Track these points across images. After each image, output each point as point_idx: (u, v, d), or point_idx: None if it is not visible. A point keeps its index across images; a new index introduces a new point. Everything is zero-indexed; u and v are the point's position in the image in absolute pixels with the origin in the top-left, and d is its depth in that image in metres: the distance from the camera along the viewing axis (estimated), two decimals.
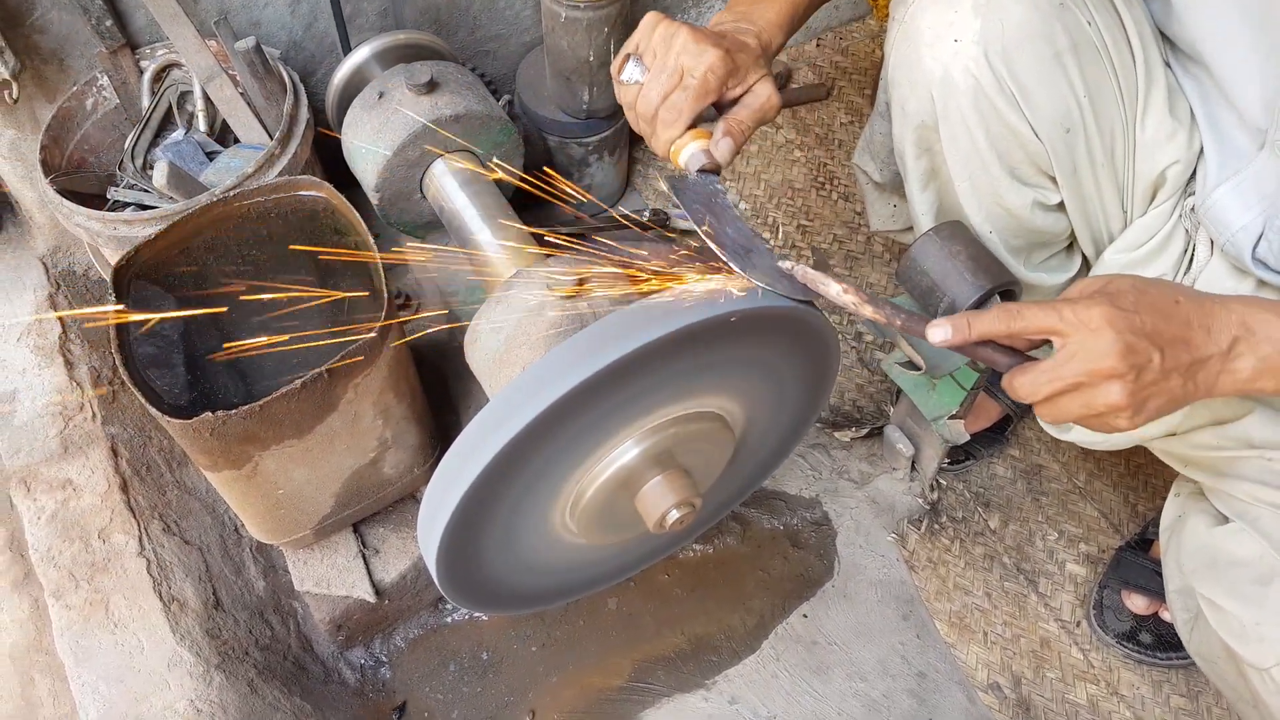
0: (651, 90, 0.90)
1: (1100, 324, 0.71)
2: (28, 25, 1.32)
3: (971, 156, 1.03)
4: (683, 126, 0.90)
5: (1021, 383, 0.75)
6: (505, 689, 1.36)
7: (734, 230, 0.86)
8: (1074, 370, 0.72)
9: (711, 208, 0.88)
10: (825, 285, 0.82)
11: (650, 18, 0.93)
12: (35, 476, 1.34)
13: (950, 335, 0.76)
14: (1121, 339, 0.70)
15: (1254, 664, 0.92)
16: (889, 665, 1.36)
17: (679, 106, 0.89)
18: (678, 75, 0.89)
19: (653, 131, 0.93)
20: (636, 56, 0.93)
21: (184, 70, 1.39)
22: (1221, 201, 0.99)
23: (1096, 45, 0.96)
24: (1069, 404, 0.74)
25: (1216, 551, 0.97)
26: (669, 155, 0.93)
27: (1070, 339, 0.72)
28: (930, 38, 0.97)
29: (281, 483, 1.12)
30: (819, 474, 1.52)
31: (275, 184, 1.16)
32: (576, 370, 0.80)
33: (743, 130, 0.93)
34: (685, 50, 0.88)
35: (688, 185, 0.90)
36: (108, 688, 1.17)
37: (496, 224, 1.23)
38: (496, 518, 0.93)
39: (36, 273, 1.55)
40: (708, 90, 0.89)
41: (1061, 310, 0.73)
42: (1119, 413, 0.73)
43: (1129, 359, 0.70)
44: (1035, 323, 0.74)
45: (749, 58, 0.92)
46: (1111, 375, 0.71)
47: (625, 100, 0.94)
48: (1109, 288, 0.74)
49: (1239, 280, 1.03)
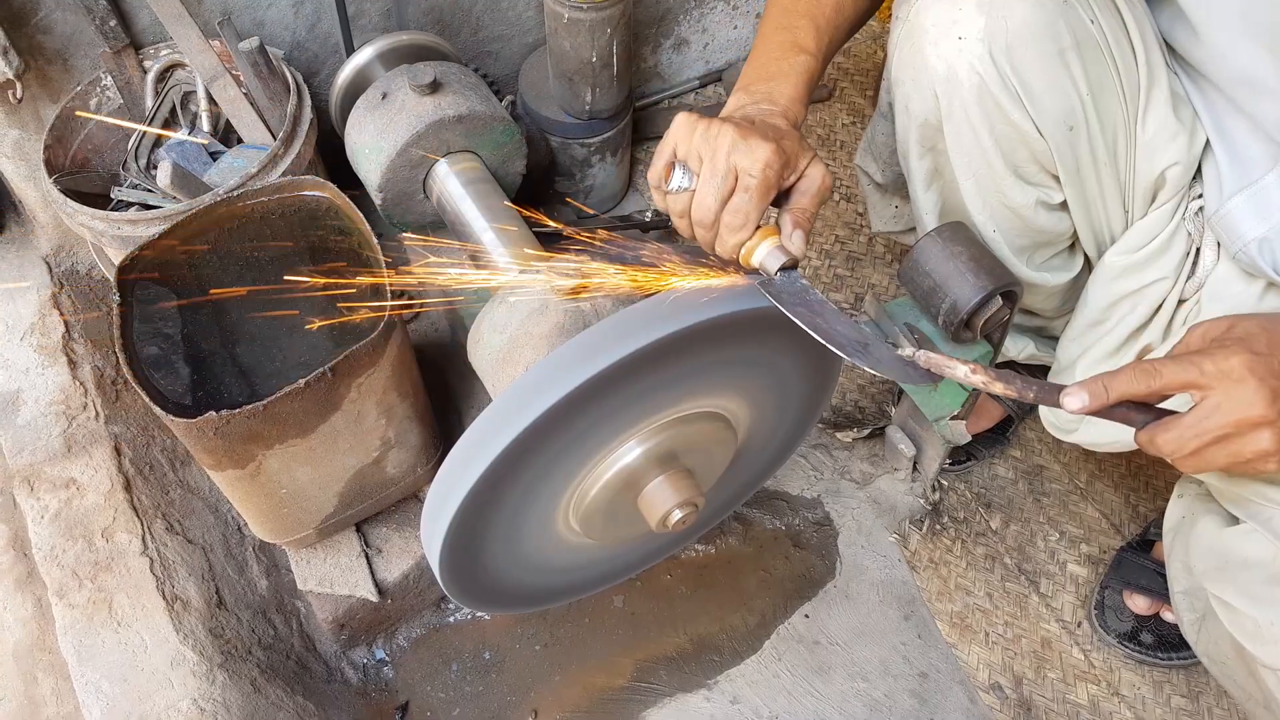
0: (708, 196, 0.85)
1: (1242, 373, 0.71)
2: (32, 25, 1.32)
3: (976, 155, 1.03)
4: (751, 229, 0.86)
5: (1166, 440, 0.75)
6: (508, 688, 1.36)
7: (843, 327, 0.84)
8: (1220, 422, 0.72)
9: (810, 306, 0.85)
10: (952, 369, 0.82)
11: (684, 119, 0.87)
12: (39, 475, 1.35)
13: (1088, 402, 0.75)
14: (1265, 385, 0.71)
15: (1268, 664, 0.91)
16: (890, 665, 1.36)
17: (744, 210, 0.84)
18: (733, 177, 0.84)
19: (716, 238, 0.87)
20: (681, 163, 0.87)
21: (188, 70, 1.40)
22: (1236, 212, 0.99)
23: (1099, 43, 0.96)
24: (1214, 455, 0.74)
25: (1228, 552, 0.96)
26: (739, 259, 0.88)
27: (1212, 391, 0.72)
28: (934, 35, 0.97)
29: (285, 482, 1.13)
30: (821, 474, 1.52)
31: (279, 184, 1.16)
32: (579, 370, 0.80)
33: (809, 218, 0.89)
34: (736, 149, 0.83)
35: (779, 288, 0.86)
36: (111, 686, 1.17)
37: (499, 224, 1.23)
38: (499, 518, 0.93)
39: (40, 272, 1.56)
40: (770, 188, 0.84)
41: (1201, 364, 0.73)
42: (1268, 458, 0.73)
43: (1277, 405, 0.71)
44: (1175, 379, 0.74)
45: (794, 143, 0.88)
46: (1261, 423, 0.72)
47: (675, 209, 0.89)
48: (1236, 332, 0.75)
49: (1248, 283, 1.04)
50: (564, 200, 1.73)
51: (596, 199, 1.75)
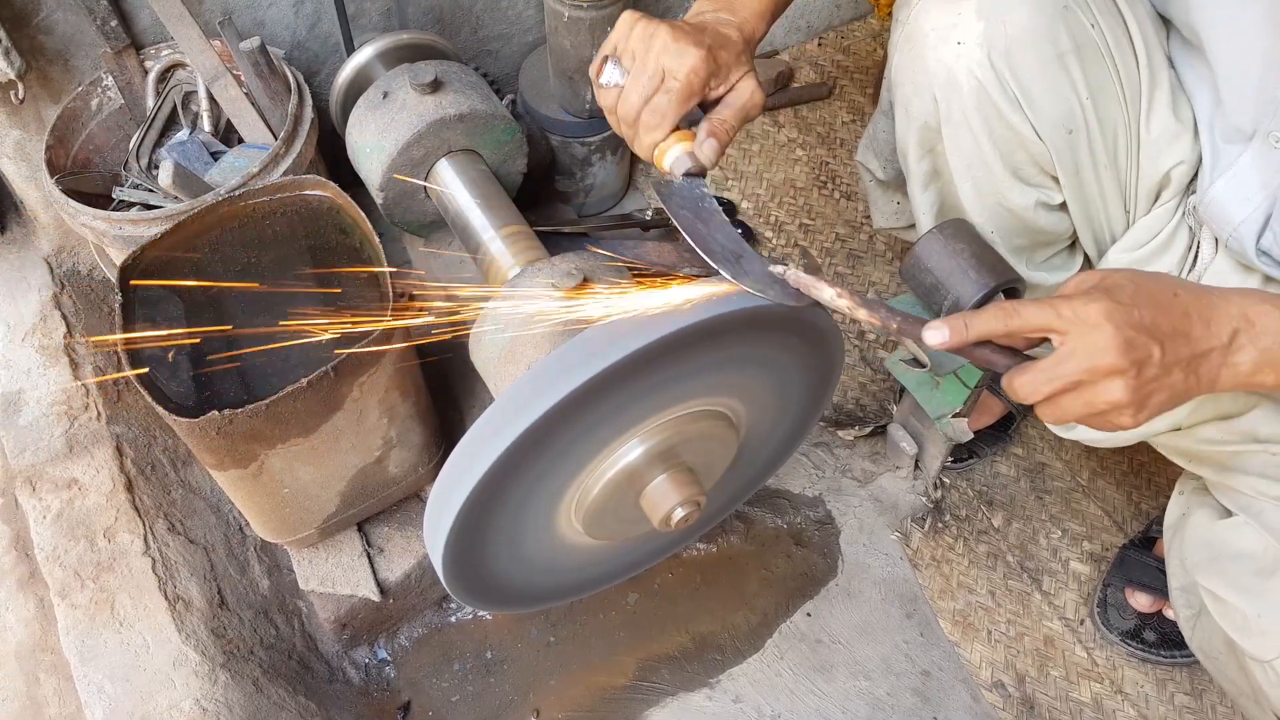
0: (632, 94, 0.87)
1: (1099, 319, 0.69)
2: (33, 26, 1.32)
3: (974, 157, 1.03)
4: (666, 130, 0.88)
5: (1021, 383, 0.73)
6: (510, 688, 1.36)
7: (723, 235, 0.84)
8: (1074, 368, 0.70)
9: (699, 213, 0.86)
10: (819, 289, 0.80)
11: (627, 16, 0.89)
12: (41, 476, 1.35)
13: (948, 337, 0.74)
14: (1121, 334, 0.69)
15: (1256, 656, 0.92)
16: (893, 664, 1.36)
17: (662, 110, 0.87)
18: (659, 77, 0.86)
19: (635, 135, 0.90)
20: (615, 59, 0.89)
21: (189, 70, 1.40)
22: (1220, 197, 0.99)
23: (1099, 47, 0.96)
24: (1070, 403, 0.72)
25: (1220, 545, 0.97)
26: (653, 159, 0.91)
27: (1069, 336, 0.70)
28: (934, 39, 0.97)
29: (287, 482, 1.13)
30: (822, 472, 1.52)
31: (280, 183, 1.16)
32: (581, 370, 0.80)
33: (727, 130, 0.90)
34: (666, 51, 0.85)
35: (674, 190, 0.88)
36: (113, 686, 1.17)
37: (500, 223, 1.23)
38: (502, 517, 0.93)
39: (41, 272, 1.56)
40: (691, 92, 0.86)
41: (1059, 307, 0.71)
42: (1121, 410, 0.71)
43: (1130, 354, 0.69)
44: (1032, 320, 0.72)
45: (731, 54, 0.89)
46: (1112, 371, 0.69)
47: (605, 104, 0.91)
48: (1105, 282, 0.72)
49: (1244, 276, 1.03)
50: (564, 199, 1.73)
51: (597, 198, 1.75)
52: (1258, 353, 0.72)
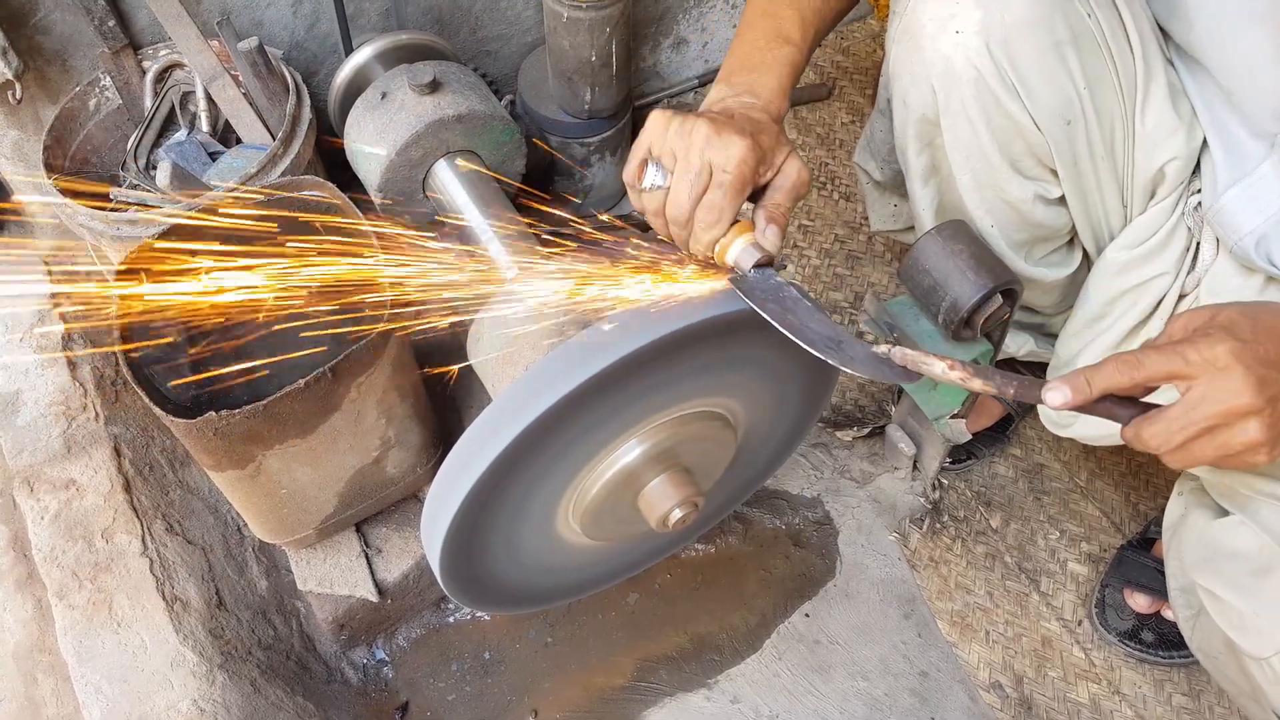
0: (681, 194, 0.84)
1: (1228, 361, 0.69)
2: (31, 26, 1.32)
3: (973, 149, 1.03)
4: (726, 226, 0.85)
5: (1152, 434, 0.72)
6: (508, 688, 1.36)
7: (815, 324, 0.83)
8: (1207, 413, 0.69)
9: (783, 303, 0.84)
10: (929, 365, 0.79)
11: (658, 116, 0.86)
12: (38, 476, 1.35)
13: (1070, 397, 0.72)
14: (1252, 373, 0.68)
15: (1253, 654, 0.92)
16: (891, 664, 1.36)
17: (718, 206, 0.83)
18: (707, 174, 0.83)
19: (689, 235, 0.86)
20: (654, 160, 0.86)
21: (186, 70, 1.40)
22: (1231, 205, 0.99)
23: (1096, 37, 0.96)
24: (1202, 447, 0.71)
25: (1217, 544, 0.97)
26: (713, 257, 0.87)
27: (1198, 381, 0.70)
28: (932, 29, 0.97)
29: (285, 482, 1.13)
30: (821, 473, 1.52)
31: (278, 184, 1.16)
32: (578, 371, 0.80)
33: (784, 214, 0.88)
34: (710, 145, 0.82)
35: (752, 284, 0.85)
36: (111, 687, 1.17)
37: (499, 223, 1.23)
38: (499, 517, 0.93)
39: (39, 272, 1.55)
40: (744, 184, 0.83)
41: (1185, 353, 0.70)
42: (1258, 449, 0.70)
43: (1264, 393, 0.68)
44: (1159, 369, 0.71)
45: (770, 137, 0.86)
46: (1249, 413, 0.69)
47: (650, 208, 0.88)
48: (1219, 319, 0.72)
49: (1246, 278, 1.04)
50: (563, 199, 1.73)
51: (596, 198, 1.75)
52: None
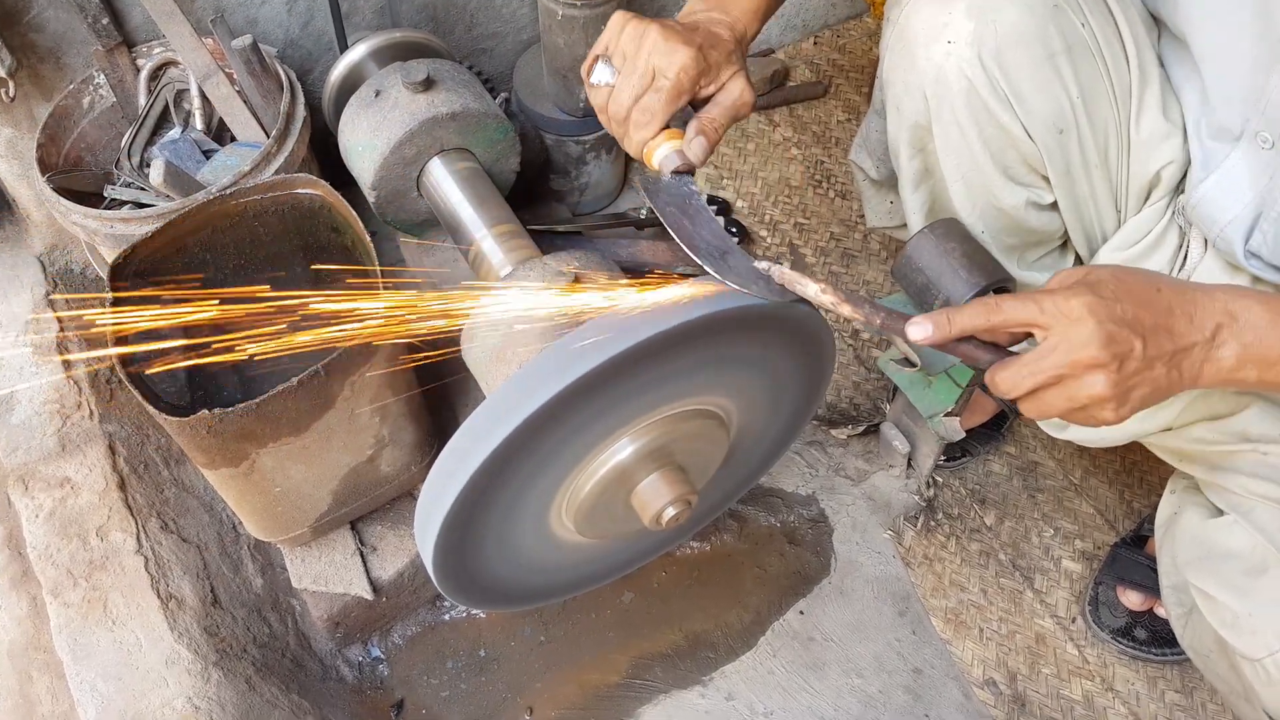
0: (623, 92, 0.88)
1: (1081, 313, 0.69)
2: (24, 23, 1.32)
3: (965, 156, 1.03)
4: (656, 128, 0.88)
5: (1003, 377, 0.73)
6: (503, 686, 1.36)
7: (709, 232, 0.85)
8: (1055, 362, 0.70)
9: (686, 210, 0.86)
10: (803, 285, 0.80)
11: (618, 16, 0.90)
12: (33, 474, 1.35)
13: (931, 332, 0.74)
14: (1103, 328, 0.69)
15: (1246, 655, 0.92)
16: (885, 661, 1.37)
17: (652, 108, 0.87)
18: (649, 76, 0.86)
19: (625, 134, 0.90)
20: (606, 58, 0.90)
21: (181, 68, 1.39)
22: (1208, 196, 0.99)
23: (1090, 47, 0.96)
24: (1052, 398, 0.72)
25: (1210, 544, 0.97)
26: (643, 157, 0.91)
27: (1051, 331, 0.71)
28: (924, 39, 0.97)
29: (279, 480, 1.13)
30: (816, 471, 1.52)
31: (271, 182, 1.16)
32: (571, 368, 0.80)
33: (716, 129, 0.90)
34: (656, 49, 0.85)
35: (661, 187, 0.88)
36: (106, 685, 1.17)
37: (493, 222, 1.23)
38: (493, 515, 0.93)
39: (34, 271, 1.55)
40: (681, 91, 0.87)
41: (1041, 301, 0.71)
42: (1103, 404, 0.71)
43: (1111, 348, 0.69)
44: (1015, 315, 0.72)
45: (722, 53, 0.89)
46: (1094, 365, 0.69)
47: (597, 103, 0.92)
48: (1089, 278, 0.73)
49: (1232, 276, 1.04)
50: (559, 198, 1.73)
51: (591, 196, 1.75)
52: (1240, 347, 0.72)
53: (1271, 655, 0.91)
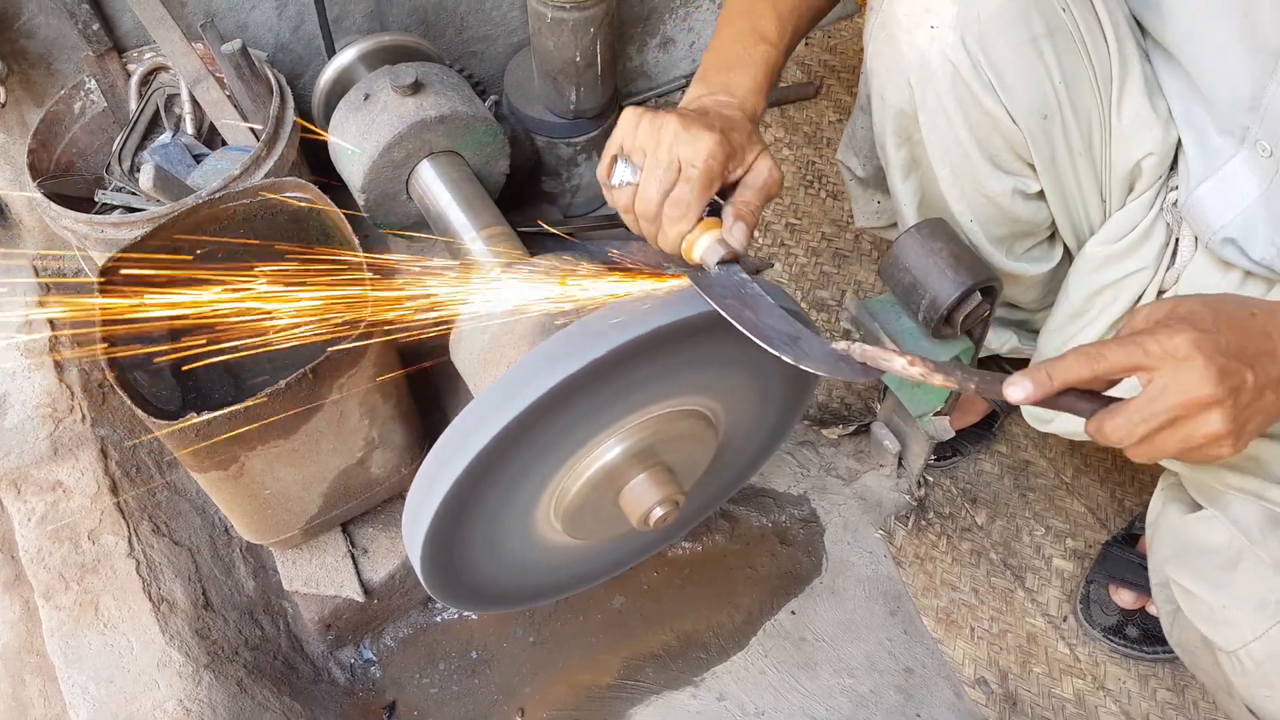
0: (650, 189, 0.84)
1: (1189, 351, 0.67)
2: (14, 30, 1.33)
3: (951, 144, 1.03)
4: (693, 220, 0.85)
5: (1114, 427, 0.70)
6: (495, 687, 1.37)
7: (774, 319, 0.82)
8: (1168, 404, 0.68)
9: (743, 299, 0.83)
10: (889, 362, 0.78)
11: (629, 114, 0.86)
12: (25, 478, 1.35)
13: (1031, 391, 0.71)
14: (1214, 363, 0.67)
15: (1223, 647, 0.93)
16: (876, 661, 1.37)
17: (685, 201, 0.84)
18: (675, 169, 0.83)
19: (659, 230, 0.86)
20: (624, 156, 0.87)
21: (171, 73, 1.40)
22: (1204, 200, 1.00)
23: (1071, 32, 0.96)
24: (1165, 441, 0.70)
25: (1189, 539, 0.97)
26: (681, 253, 0.87)
27: (1158, 372, 0.68)
28: (907, 24, 0.97)
29: (268, 483, 1.13)
30: (807, 471, 1.52)
31: (260, 186, 1.17)
32: (556, 369, 0.81)
33: (753, 212, 0.87)
34: (679, 140, 0.82)
35: (713, 280, 0.85)
36: (97, 688, 1.18)
37: (481, 223, 1.23)
38: (480, 516, 0.94)
39: (26, 276, 1.56)
40: (712, 179, 0.84)
41: (1145, 344, 0.69)
42: (1220, 441, 0.69)
43: (1225, 383, 0.67)
44: (1119, 361, 0.70)
45: (742, 135, 0.87)
46: (1211, 403, 0.68)
47: (620, 204, 0.88)
48: (1180, 310, 0.71)
49: (1224, 273, 1.04)
50: (550, 199, 1.73)
51: (583, 198, 1.75)
52: None
53: (1245, 647, 0.91)
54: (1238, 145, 0.95)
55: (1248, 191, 0.96)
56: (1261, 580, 0.90)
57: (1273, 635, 0.89)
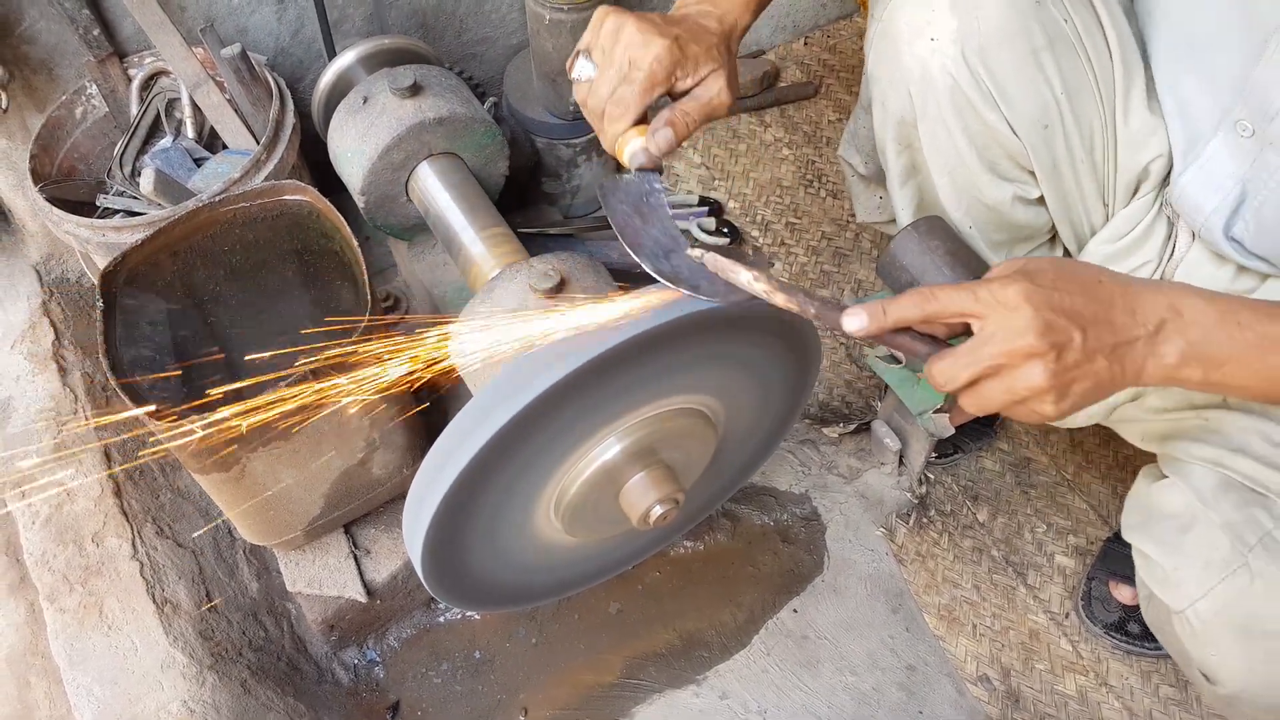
0: (600, 86, 0.87)
1: (1018, 301, 0.67)
2: (16, 36, 1.33)
3: (950, 153, 1.04)
4: (629, 121, 0.86)
5: (940, 369, 0.71)
6: (498, 687, 1.37)
7: (659, 231, 0.81)
8: (992, 351, 0.68)
9: (640, 208, 0.83)
10: (735, 273, 0.76)
11: (599, 12, 0.89)
12: (29, 481, 1.36)
13: (865, 323, 0.71)
14: (1040, 315, 0.67)
15: (1173, 608, 0.93)
16: (878, 658, 1.37)
17: (625, 100, 0.86)
18: (625, 68, 0.85)
19: (601, 128, 0.89)
20: (586, 53, 0.89)
21: (172, 78, 1.41)
22: (1189, 187, 0.99)
23: (1073, 42, 0.96)
24: (991, 390, 0.70)
25: (1151, 507, 0.98)
26: (617, 152, 0.89)
27: (987, 320, 0.68)
28: (908, 36, 0.98)
29: (270, 484, 1.13)
30: (808, 469, 1.53)
31: (260, 189, 1.17)
32: (555, 368, 0.81)
33: (686, 122, 0.87)
34: (632, 42, 0.85)
35: (619, 186, 0.84)
36: (102, 689, 1.18)
37: (481, 225, 1.24)
38: (480, 516, 0.94)
39: (30, 280, 1.57)
40: (654, 82, 0.85)
41: (977, 290, 0.69)
42: (1042, 396, 0.69)
43: (1048, 336, 0.67)
44: (951, 305, 0.70)
45: (703, 47, 0.87)
46: (1031, 354, 0.67)
47: (579, 98, 0.91)
48: (1027, 266, 0.71)
49: (1218, 267, 1.04)
50: (551, 201, 1.73)
51: (583, 199, 1.76)
52: (1185, 344, 0.71)
53: (1192, 605, 0.91)
54: (1216, 127, 0.95)
55: (1229, 174, 0.95)
56: (1210, 540, 0.90)
57: (1217, 592, 0.89)
